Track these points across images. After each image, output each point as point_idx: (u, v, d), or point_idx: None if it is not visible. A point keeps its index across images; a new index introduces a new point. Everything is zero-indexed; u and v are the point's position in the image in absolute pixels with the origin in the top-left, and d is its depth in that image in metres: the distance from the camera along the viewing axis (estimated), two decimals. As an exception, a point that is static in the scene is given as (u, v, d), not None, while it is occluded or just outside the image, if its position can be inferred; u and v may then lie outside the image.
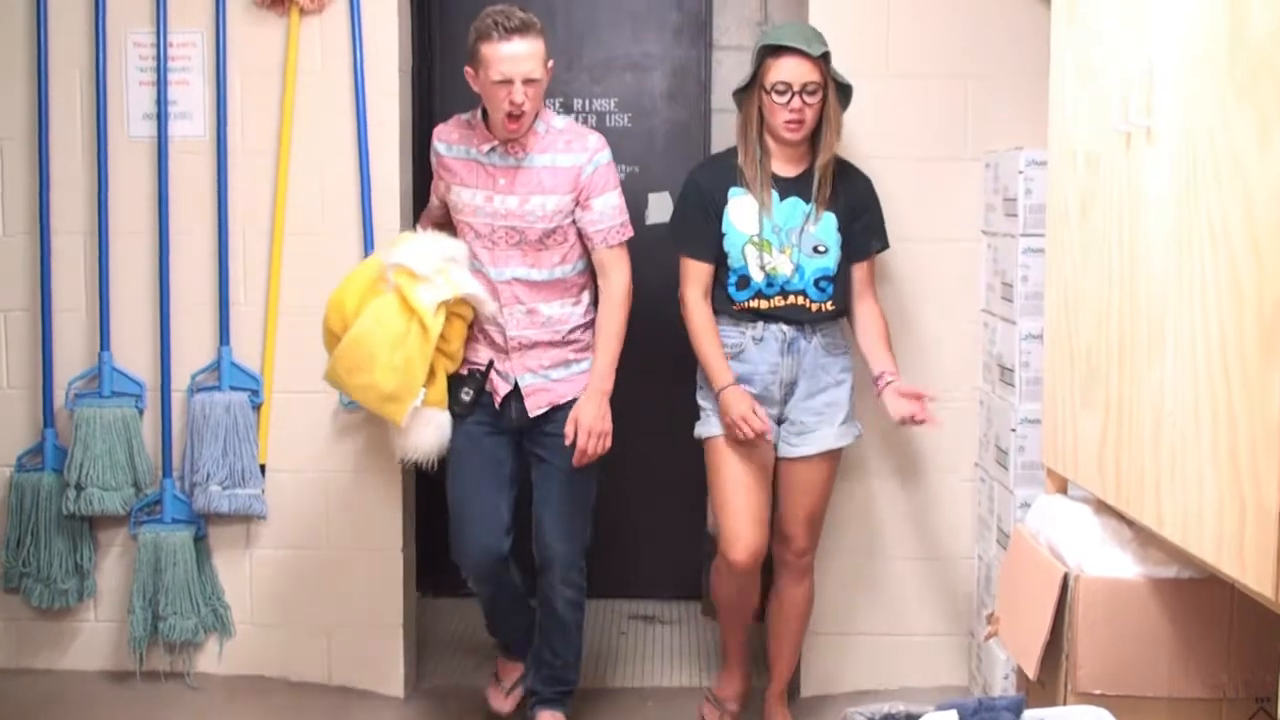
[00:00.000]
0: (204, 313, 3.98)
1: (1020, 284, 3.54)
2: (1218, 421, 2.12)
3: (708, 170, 3.61)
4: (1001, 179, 3.69)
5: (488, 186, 3.47)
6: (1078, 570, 2.65)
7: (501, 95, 3.30)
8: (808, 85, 3.38)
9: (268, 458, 3.98)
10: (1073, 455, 2.84)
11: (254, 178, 3.95)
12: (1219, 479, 2.11)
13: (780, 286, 3.49)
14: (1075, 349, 2.81)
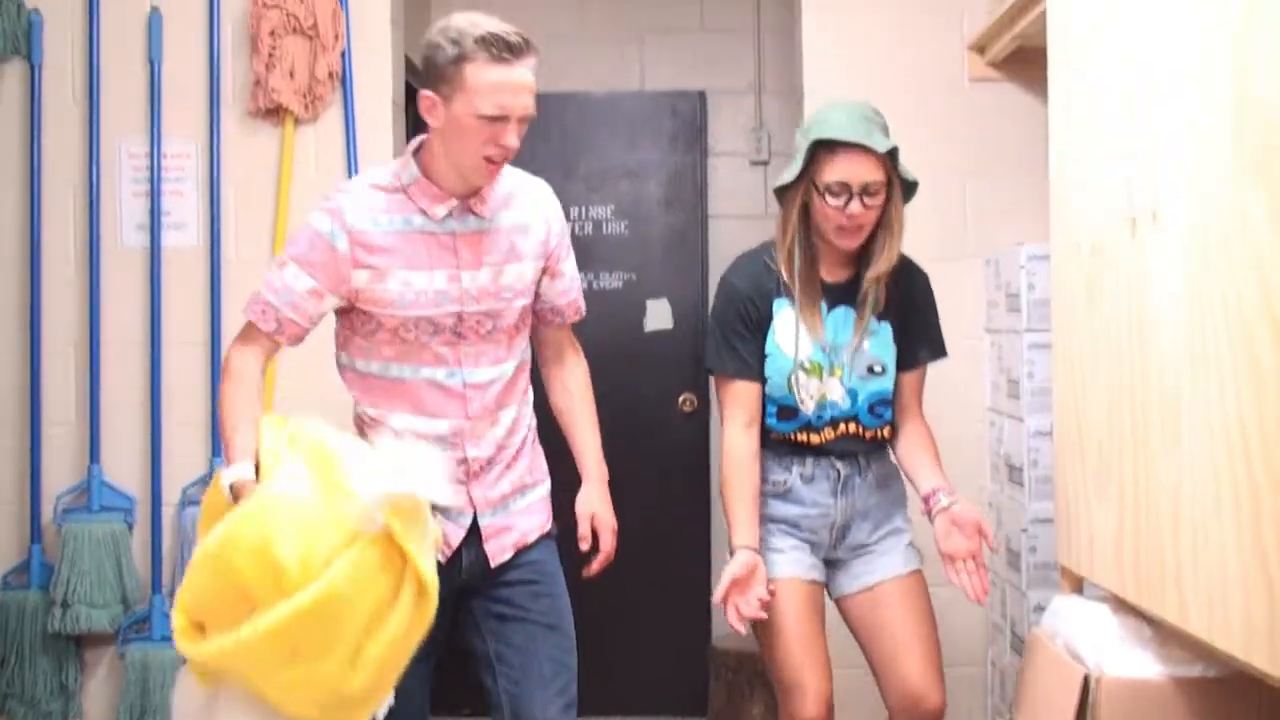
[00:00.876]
0: (196, 424, 3.92)
1: (1026, 380, 3.48)
2: (1240, 507, 2.04)
3: (745, 275, 2.99)
4: (1003, 275, 3.65)
5: (448, 264, 2.63)
6: (1098, 671, 2.55)
7: (485, 135, 2.50)
8: (869, 186, 2.80)
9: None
10: (1088, 552, 2.75)
11: (248, 288, 3.84)
12: (1244, 567, 2.03)
13: (831, 416, 2.96)
14: (1086, 442, 2.74)
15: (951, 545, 2.87)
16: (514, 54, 2.48)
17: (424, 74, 2.55)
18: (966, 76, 3.93)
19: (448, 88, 2.50)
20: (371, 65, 3.93)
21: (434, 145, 2.60)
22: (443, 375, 2.67)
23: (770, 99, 4.92)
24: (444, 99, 2.51)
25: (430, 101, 2.53)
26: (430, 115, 2.55)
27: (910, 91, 3.93)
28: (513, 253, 2.71)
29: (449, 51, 2.49)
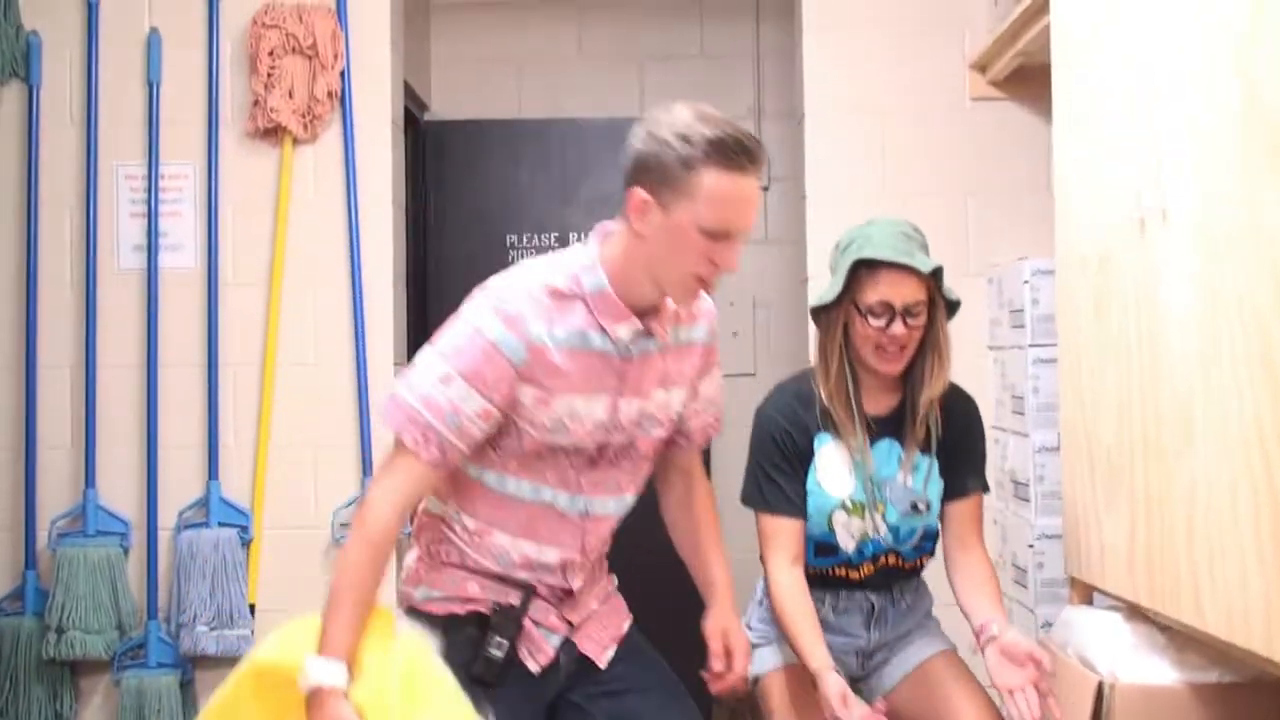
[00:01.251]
0: (192, 448, 3.87)
1: (1031, 395, 3.45)
2: (1259, 503, 2.00)
3: (783, 408, 2.79)
4: (1006, 292, 3.63)
5: (611, 389, 2.31)
6: (1112, 678, 2.51)
7: (703, 251, 2.17)
8: (912, 306, 2.64)
9: (257, 597, 3.84)
10: (1099, 561, 2.71)
11: (245, 309, 3.89)
12: (1264, 564, 1.99)
13: (872, 552, 2.80)
14: (1095, 451, 2.71)
15: (1005, 679, 2.55)
16: (752, 163, 2.17)
17: (636, 169, 2.19)
18: (968, 95, 3.92)
19: (670, 192, 2.14)
20: (371, 86, 3.91)
21: (631, 250, 2.23)
22: (564, 502, 2.36)
23: (770, 123, 4.91)
24: (662, 204, 2.15)
25: (643, 204, 2.17)
26: (640, 219, 2.18)
27: (911, 110, 3.92)
28: (668, 376, 2.40)
29: (678, 151, 2.13)
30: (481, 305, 2.20)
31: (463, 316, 2.21)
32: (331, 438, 3.85)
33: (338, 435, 3.85)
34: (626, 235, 2.23)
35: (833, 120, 3.95)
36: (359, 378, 3.84)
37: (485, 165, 4.79)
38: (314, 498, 3.85)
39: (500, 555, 2.34)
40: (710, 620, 2.57)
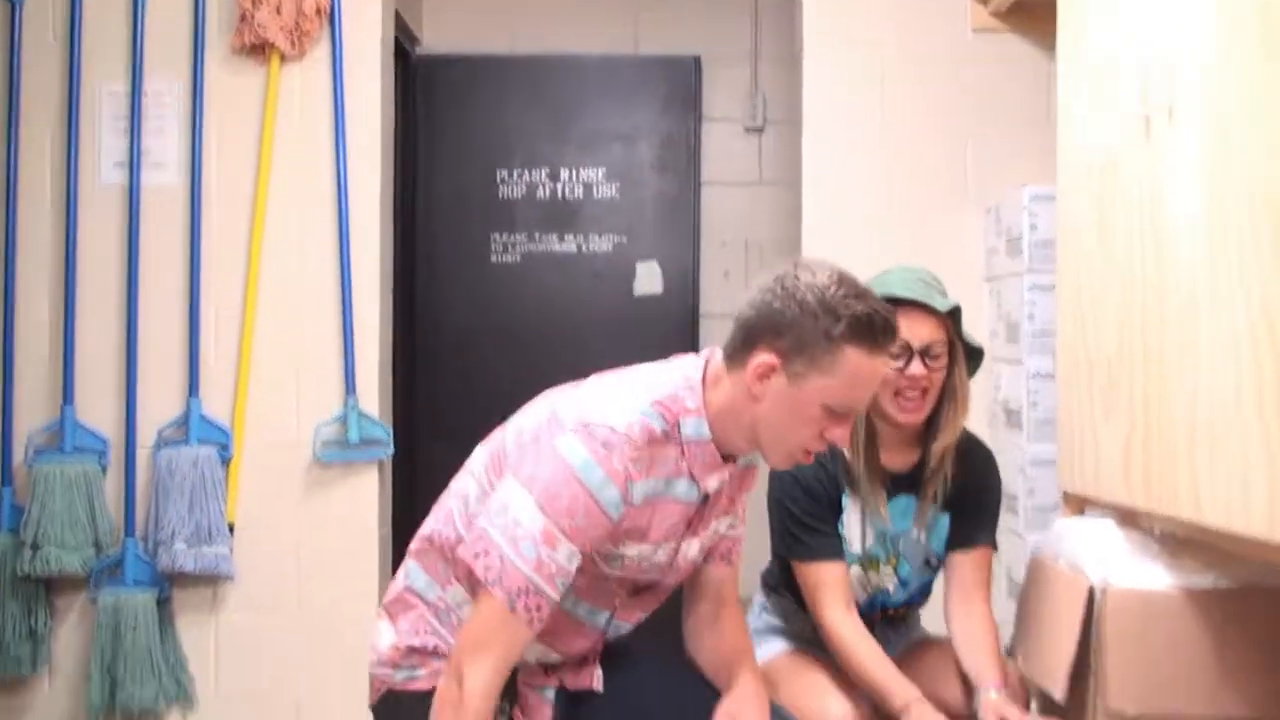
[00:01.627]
0: (173, 365, 3.80)
1: (1027, 322, 3.40)
2: (1264, 383, 1.95)
3: (806, 465, 2.56)
4: (1004, 220, 3.58)
5: (680, 535, 2.18)
6: (1104, 584, 2.47)
7: (822, 426, 2.07)
8: (931, 347, 2.59)
9: (237, 516, 3.78)
10: (1093, 470, 2.67)
11: (228, 228, 3.82)
12: (1269, 442, 1.94)
13: (881, 605, 2.79)
14: (1094, 360, 2.66)
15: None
16: (892, 342, 2.09)
17: (766, 329, 2.04)
18: (969, 27, 3.86)
19: (805, 363, 2.02)
20: (360, 3, 3.84)
21: (740, 408, 2.08)
22: (593, 617, 2.22)
23: (766, 65, 4.85)
24: (791, 373, 2.03)
25: (770, 369, 2.03)
26: (760, 383, 2.04)
27: (912, 43, 3.86)
28: (728, 506, 2.28)
29: (822, 323, 2.00)
30: (580, 447, 1.98)
31: (558, 453, 1.99)
32: (314, 356, 3.80)
33: (321, 353, 3.80)
34: (736, 390, 2.07)
35: (831, 55, 3.88)
36: (343, 296, 3.78)
37: (476, 100, 4.74)
38: (296, 416, 3.79)
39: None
40: (725, 703, 2.25)
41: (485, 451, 2.19)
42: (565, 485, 1.97)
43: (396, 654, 2.17)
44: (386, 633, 2.19)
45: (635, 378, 2.13)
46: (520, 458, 2.06)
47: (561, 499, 1.97)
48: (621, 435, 2.00)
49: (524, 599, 1.96)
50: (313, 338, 3.81)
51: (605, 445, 1.98)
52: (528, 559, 1.96)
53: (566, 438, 2.00)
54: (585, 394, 2.10)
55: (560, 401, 2.11)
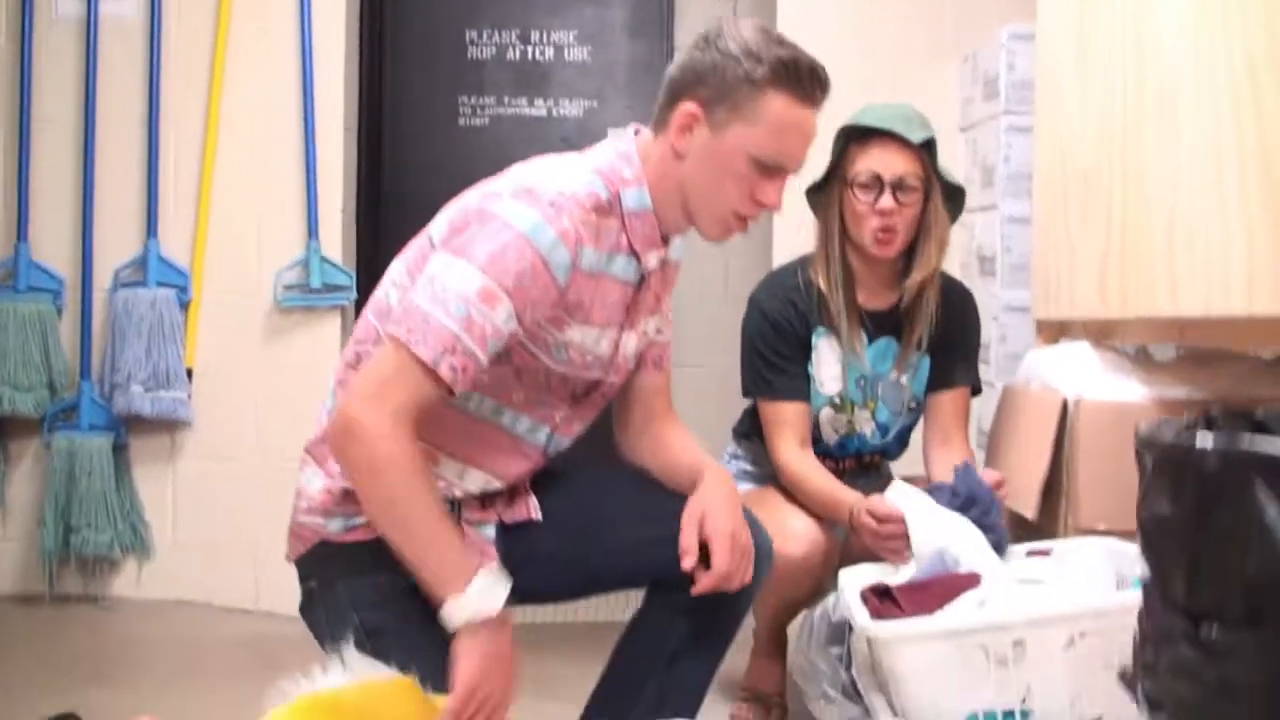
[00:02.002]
0: (130, 204, 3.71)
1: (1002, 165, 3.34)
2: (1245, 151, 1.90)
3: (778, 297, 2.68)
4: (981, 65, 3.51)
5: (618, 324, 2.04)
6: (1078, 397, 2.42)
7: (750, 185, 1.94)
8: (903, 179, 2.55)
9: (195, 361, 3.70)
10: (1069, 289, 2.63)
11: (188, 64, 3.72)
12: (1247, 212, 1.89)
13: (856, 449, 2.76)
14: (1071, 175, 2.61)
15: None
16: (822, 94, 1.95)
17: (688, 80, 1.93)
18: None
19: (727, 111, 1.90)
20: None
21: (671, 170, 1.96)
22: (543, 438, 2.06)
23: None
24: (714, 123, 1.91)
25: (692, 118, 1.92)
26: (683, 136, 1.93)
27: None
28: (654, 304, 2.12)
29: (744, 67, 1.89)
30: (527, 209, 1.84)
31: (500, 218, 1.84)
32: (276, 198, 3.71)
33: (282, 195, 3.71)
34: (663, 152, 1.96)
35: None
36: (306, 136, 3.68)
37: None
38: (256, 260, 3.71)
39: (442, 485, 1.98)
40: (691, 502, 2.05)
41: (402, 262, 2.02)
42: (512, 248, 1.82)
43: (329, 499, 1.97)
44: (315, 477, 1.99)
45: (565, 156, 2.01)
46: (452, 237, 1.88)
47: (507, 260, 1.82)
48: (569, 197, 1.87)
49: (449, 358, 1.79)
50: (274, 179, 3.72)
51: (554, 206, 1.85)
52: (456, 317, 1.79)
53: (509, 203, 1.86)
54: (517, 172, 1.96)
55: (488, 186, 1.97)
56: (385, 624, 1.94)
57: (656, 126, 1.97)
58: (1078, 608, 1.83)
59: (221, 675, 3.18)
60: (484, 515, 2.05)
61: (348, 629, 1.90)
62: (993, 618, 1.85)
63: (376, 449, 1.76)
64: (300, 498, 2.00)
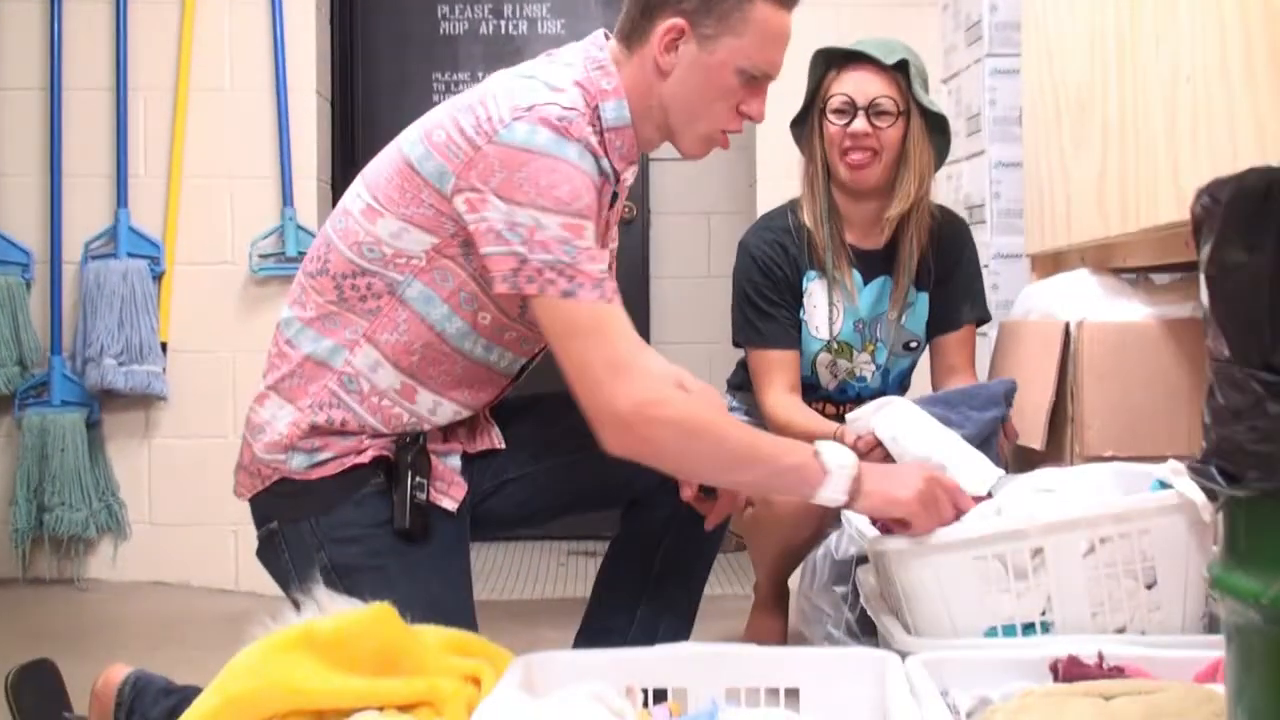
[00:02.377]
0: (100, 175, 3.64)
1: (988, 109, 3.27)
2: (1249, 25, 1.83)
3: (768, 241, 2.60)
4: (963, 9, 3.45)
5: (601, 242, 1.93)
6: (1080, 320, 2.36)
7: (738, 98, 1.89)
8: (876, 103, 2.48)
9: (170, 336, 3.62)
10: (1064, 216, 2.57)
11: (158, 29, 3.64)
12: (1255, 98, 1.83)
13: (856, 392, 2.66)
14: (1063, 97, 2.56)
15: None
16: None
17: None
18: None
19: (715, 24, 1.83)
20: None
21: (647, 87, 1.88)
22: (517, 368, 2.00)
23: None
24: (700, 37, 1.84)
25: (678, 32, 1.84)
26: (667, 53, 1.85)
27: None
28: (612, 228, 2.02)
29: None
30: (538, 130, 1.75)
31: (516, 146, 1.74)
32: (249, 167, 3.64)
33: (256, 164, 3.64)
34: (642, 69, 1.87)
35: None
36: (279, 103, 3.62)
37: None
38: (230, 230, 3.64)
39: (412, 421, 1.90)
40: None
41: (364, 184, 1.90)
42: (552, 172, 1.74)
43: (296, 433, 1.87)
44: (282, 412, 1.88)
45: (535, 66, 1.90)
46: (469, 175, 1.76)
47: (558, 186, 1.74)
48: (570, 109, 1.79)
49: (594, 293, 1.74)
50: (247, 147, 3.64)
51: (562, 120, 1.77)
52: (577, 257, 1.74)
53: (514, 129, 1.76)
54: (493, 88, 1.85)
55: (464, 106, 1.83)
56: (357, 561, 1.87)
57: (629, 41, 1.89)
58: (1097, 511, 1.76)
59: (202, 649, 3.07)
60: (448, 446, 1.97)
61: (315, 568, 1.83)
62: (1010, 525, 1.78)
63: (671, 418, 1.74)
64: (259, 433, 1.90)
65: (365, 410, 1.88)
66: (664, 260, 4.55)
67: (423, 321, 1.86)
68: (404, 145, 1.87)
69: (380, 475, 1.89)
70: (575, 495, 2.08)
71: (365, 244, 1.85)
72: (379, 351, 1.86)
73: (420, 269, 1.84)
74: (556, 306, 1.75)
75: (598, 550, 3.76)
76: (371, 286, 1.85)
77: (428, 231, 1.82)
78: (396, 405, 1.89)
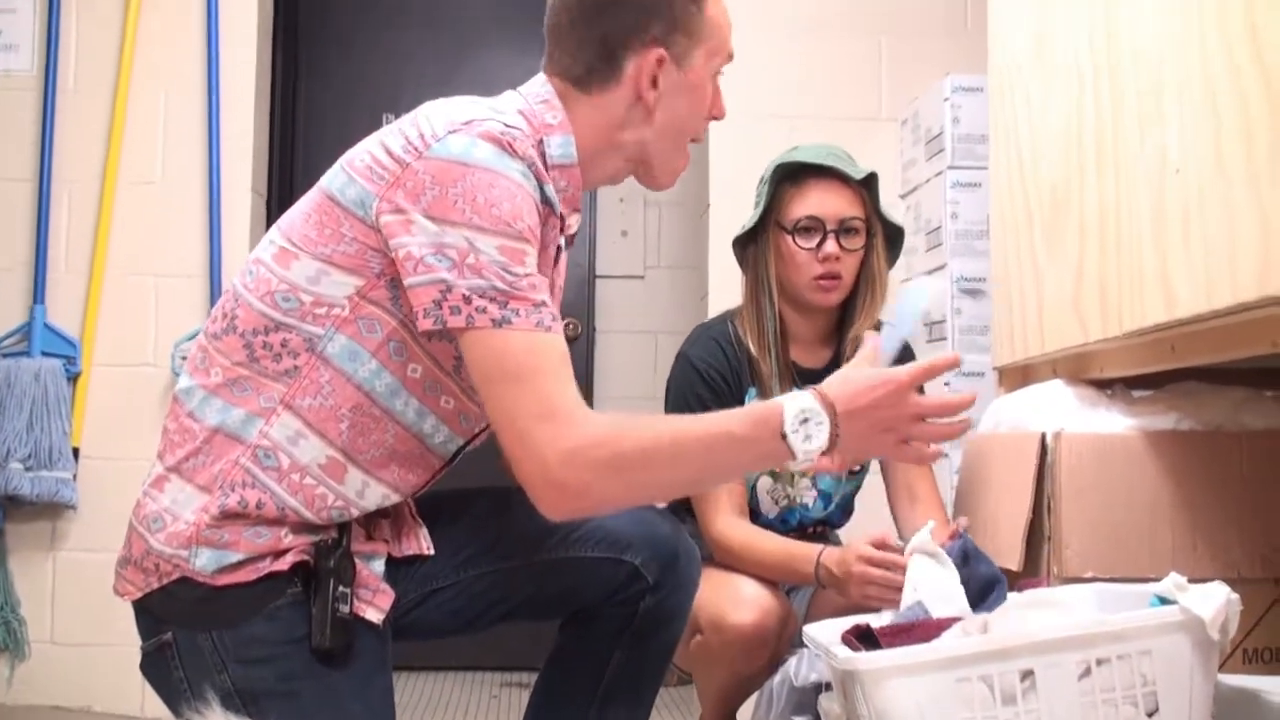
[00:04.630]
0: (16, 268, 3.48)
1: (949, 222, 3.19)
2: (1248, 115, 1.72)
3: (708, 351, 2.43)
4: (923, 124, 3.38)
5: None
6: (1057, 431, 2.22)
7: (709, 101, 1.79)
8: (847, 222, 2.37)
9: (82, 441, 3.42)
10: (1035, 321, 2.44)
11: (86, 119, 3.52)
12: (1257, 188, 1.70)
13: (799, 520, 2.50)
14: (1036, 200, 2.45)
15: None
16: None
17: (626, 21, 1.71)
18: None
19: (685, 37, 1.71)
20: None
21: (620, 127, 1.74)
22: (453, 449, 1.77)
23: None
24: (677, 57, 1.72)
25: (659, 61, 1.71)
26: (651, 88, 1.72)
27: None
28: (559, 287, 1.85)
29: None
30: (478, 143, 1.56)
31: (454, 160, 1.55)
32: (177, 264, 3.49)
33: (184, 262, 3.49)
34: (608, 109, 1.73)
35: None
36: (211, 200, 3.48)
37: (364, 39, 4.44)
38: (153, 331, 3.47)
39: (338, 504, 1.67)
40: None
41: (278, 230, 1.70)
42: (486, 186, 1.54)
43: (203, 522, 1.61)
44: (185, 497, 1.63)
45: (471, 98, 1.71)
46: (394, 196, 1.56)
47: (498, 203, 1.54)
48: (514, 128, 1.61)
49: (536, 315, 1.54)
50: (176, 245, 3.52)
51: (505, 134, 1.58)
52: (515, 282, 1.53)
53: (448, 142, 1.56)
54: (426, 110, 1.66)
55: (392, 130, 1.64)
56: (266, 686, 1.63)
57: (584, 83, 1.73)
58: (1094, 629, 1.59)
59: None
60: (373, 547, 1.74)
61: (212, 689, 1.59)
62: (997, 643, 1.61)
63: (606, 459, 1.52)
64: (155, 523, 1.64)
65: (285, 490, 1.64)
66: (609, 380, 4.40)
67: (349, 381, 1.63)
68: (324, 180, 1.68)
69: (297, 583, 1.65)
70: (512, 606, 1.88)
71: (279, 293, 1.63)
72: (300, 420, 1.63)
73: (343, 319, 1.62)
74: (486, 340, 1.53)
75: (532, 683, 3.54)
76: (287, 344, 1.62)
77: (350, 273, 1.61)
78: (321, 484, 1.65)
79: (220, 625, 1.63)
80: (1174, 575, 1.64)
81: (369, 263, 1.59)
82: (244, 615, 1.62)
